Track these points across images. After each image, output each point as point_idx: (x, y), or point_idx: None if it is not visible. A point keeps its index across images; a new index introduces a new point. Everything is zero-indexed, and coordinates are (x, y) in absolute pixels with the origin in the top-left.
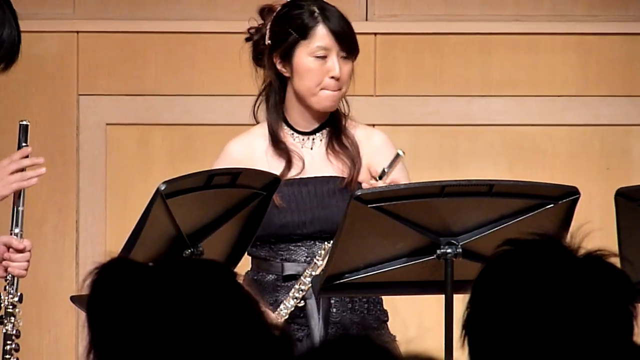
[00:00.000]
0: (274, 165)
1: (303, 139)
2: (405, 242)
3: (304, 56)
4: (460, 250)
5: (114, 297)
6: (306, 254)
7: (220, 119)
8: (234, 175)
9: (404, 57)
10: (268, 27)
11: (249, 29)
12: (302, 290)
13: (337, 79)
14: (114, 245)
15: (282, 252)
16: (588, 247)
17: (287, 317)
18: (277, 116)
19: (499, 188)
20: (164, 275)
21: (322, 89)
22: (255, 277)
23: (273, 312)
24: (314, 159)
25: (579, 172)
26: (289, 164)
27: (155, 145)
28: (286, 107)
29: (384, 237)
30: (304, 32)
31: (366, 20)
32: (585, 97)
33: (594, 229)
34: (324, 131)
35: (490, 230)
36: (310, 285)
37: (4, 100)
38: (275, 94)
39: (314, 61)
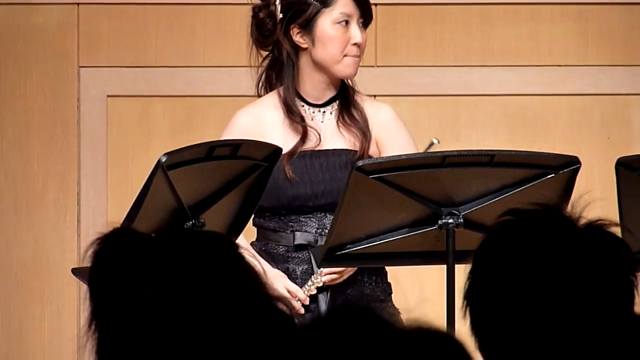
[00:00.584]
0: (289, 138)
1: (314, 111)
2: (407, 212)
3: (327, 24)
4: (462, 220)
5: (116, 268)
6: (317, 226)
7: (222, 90)
8: (235, 147)
9: (405, 27)
10: (277, 1)
11: (253, 7)
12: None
13: (359, 46)
14: (115, 218)
15: (292, 224)
16: (589, 216)
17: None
18: (292, 88)
19: (500, 158)
20: (166, 247)
21: (345, 55)
22: (264, 248)
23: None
24: (325, 132)
25: (579, 141)
26: (304, 137)
27: (156, 117)
28: (298, 80)
29: (386, 208)
30: (326, 0)
31: None
32: (585, 66)
33: (595, 198)
34: (335, 104)
35: (492, 200)
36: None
37: (4, 72)
38: (291, 67)
39: (338, 28)
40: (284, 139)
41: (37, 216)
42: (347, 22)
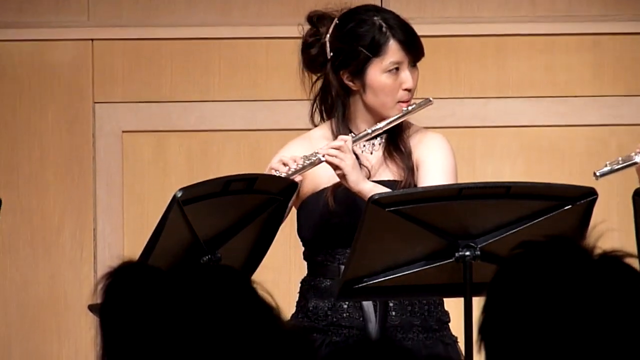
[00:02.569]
0: None
1: (364, 144)
2: (424, 245)
3: (378, 73)
4: (479, 252)
5: (126, 303)
6: None
7: (236, 124)
8: (250, 181)
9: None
10: (328, 39)
11: (304, 38)
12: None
13: (410, 90)
14: (132, 253)
15: (338, 256)
16: (606, 247)
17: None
18: (343, 125)
19: (517, 190)
20: (177, 281)
21: (397, 101)
22: (312, 283)
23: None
24: (373, 163)
25: None
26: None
27: (171, 152)
28: (348, 114)
29: (402, 241)
30: (376, 50)
31: None
32: (601, 97)
33: (612, 229)
34: (383, 136)
35: (509, 232)
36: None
37: (20, 109)
38: (342, 106)
39: (388, 77)
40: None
41: (53, 253)
42: (397, 68)
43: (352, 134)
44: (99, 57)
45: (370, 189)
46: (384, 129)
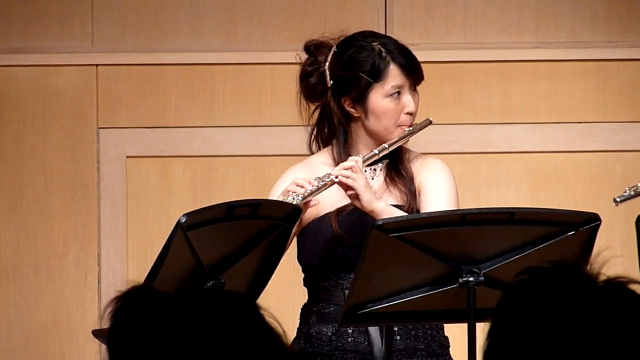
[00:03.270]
0: (340, 195)
1: (365, 170)
2: (427, 270)
3: (380, 98)
4: (482, 278)
5: (135, 328)
6: None
7: (241, 150)
8: (254, 207)
9: (424, 85)
10: (327, 67)
11: (303, 68)
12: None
13: (412, 114)
14: (136, 278)
15: (342, 282)
16: (609, 273)
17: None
18: (345, 151)
19: (520, 215)
20: (186, 307)
21: (398, 126)
22: (315, 309)
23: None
24: (375, 188)
25: (600, 198)
26: (358, 195)
27: (175, 177)
28: (349, 140)
29: (406, 266)
30: (377, 75)
31: None
32: (605, 123)
33: (616, 255)
34: (385, 161)
35: (512, 258)
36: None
37: (24, 134)
38: (344, 133)
39: (390, 101)
40: (336, 196)
41: (57, 278)
42: (399, 92)
43: (361, 154)
44: (103, 83)
45: (383, 208)
46: (390, 150)
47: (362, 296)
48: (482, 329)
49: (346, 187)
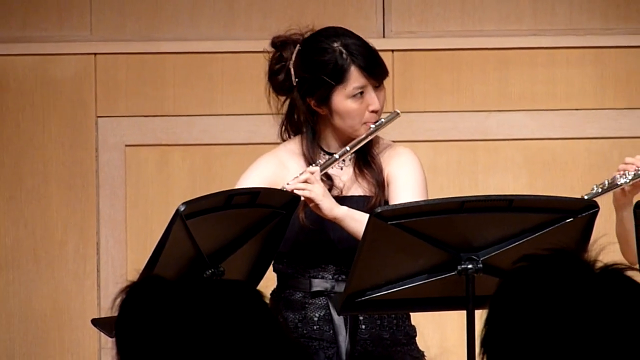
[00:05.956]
0: None
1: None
2: (426, 258)
3: (342, 99)
4: (481, 265)
5: (144, 318)
6: (334, 272)
7: (240, 138)
8: (253, 195)
9: (422, 73)
10: (292, 65)
11: (270, 64)
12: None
13: (376, 111)
14: (135, 267)
15: (310, 270)
16: (607, 260)
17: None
18: (312, 145)
19: (519, 203)
20: (195, 297)
21: (363, 123)
22: (282, 295)
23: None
24: (344, 180)
25: None
26: (329, 189)
27: (174, 166)
28: (318, 133)
29: (405, 254)
30: (339, 77)
31: (383, 37)
32: (603, 110)
33: (614, 242)
34: (354, 153)
35: (511, 245)
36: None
37: (22, 123)
38: (311, 129)
39: (353, 101)
40: None
41: (56, 266)
42: (362, 92)
43: (320, 161)
44: (102, 71)
45: (345, 214)
46: (352, 152)
47: (360, 284)
48: (480, 316)
49: (306, 199)
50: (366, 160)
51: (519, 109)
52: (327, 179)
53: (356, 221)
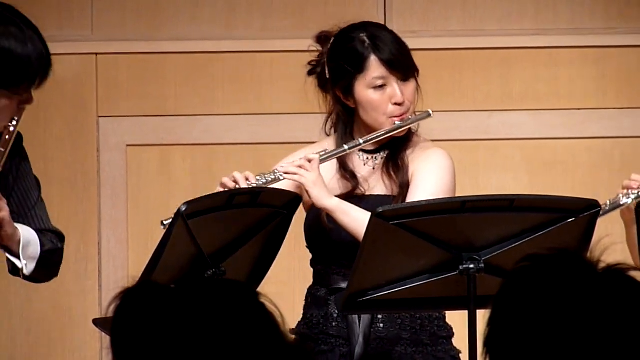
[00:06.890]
0: (337, 187)
1: (367, 157)
2: (428, 258)
3: (363, 89)
4: (483, 265)
5: (137, 323)
6: None
7: (241, 138)
8: (254, 195)
9: (423, 72)
10: (325, 59)
11: (310, 62)
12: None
13: (401, 104)
14: (137, 267)
15: (334, 266)
16: (609, 260)
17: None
18: (344, 140)
19: (520, 202)
20: (188, 299)
21: (389, 117)
22: (312, 291)
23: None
24: (372, 178)
25: (599, 184)
26: (351, 192)
27: (176, 166)
28: (355, 129)
29: (406, 254)
30: (358, 65)
31: None
32: (605, 109)
33: (616, 242)
34: (386, 151)
35: (512, 245)
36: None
37: (24, 123)
38: (345, 125)
39: (374, 92)
40: (333, 187)
41: None
42: (383, 84)
43: (322, 151)
44: (103, 71)
45: (335, 205)
46: (363, 145)
47: (362, 284)
48: (482, 316)
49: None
50: (395, 160)
51: (521, 109)
52: (352, 178)
53: (347, 215)
